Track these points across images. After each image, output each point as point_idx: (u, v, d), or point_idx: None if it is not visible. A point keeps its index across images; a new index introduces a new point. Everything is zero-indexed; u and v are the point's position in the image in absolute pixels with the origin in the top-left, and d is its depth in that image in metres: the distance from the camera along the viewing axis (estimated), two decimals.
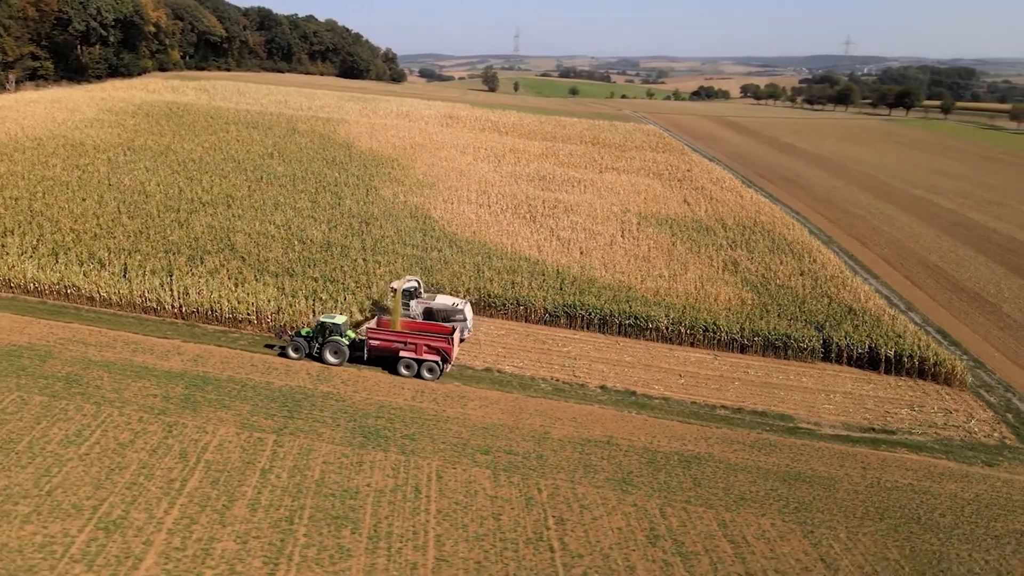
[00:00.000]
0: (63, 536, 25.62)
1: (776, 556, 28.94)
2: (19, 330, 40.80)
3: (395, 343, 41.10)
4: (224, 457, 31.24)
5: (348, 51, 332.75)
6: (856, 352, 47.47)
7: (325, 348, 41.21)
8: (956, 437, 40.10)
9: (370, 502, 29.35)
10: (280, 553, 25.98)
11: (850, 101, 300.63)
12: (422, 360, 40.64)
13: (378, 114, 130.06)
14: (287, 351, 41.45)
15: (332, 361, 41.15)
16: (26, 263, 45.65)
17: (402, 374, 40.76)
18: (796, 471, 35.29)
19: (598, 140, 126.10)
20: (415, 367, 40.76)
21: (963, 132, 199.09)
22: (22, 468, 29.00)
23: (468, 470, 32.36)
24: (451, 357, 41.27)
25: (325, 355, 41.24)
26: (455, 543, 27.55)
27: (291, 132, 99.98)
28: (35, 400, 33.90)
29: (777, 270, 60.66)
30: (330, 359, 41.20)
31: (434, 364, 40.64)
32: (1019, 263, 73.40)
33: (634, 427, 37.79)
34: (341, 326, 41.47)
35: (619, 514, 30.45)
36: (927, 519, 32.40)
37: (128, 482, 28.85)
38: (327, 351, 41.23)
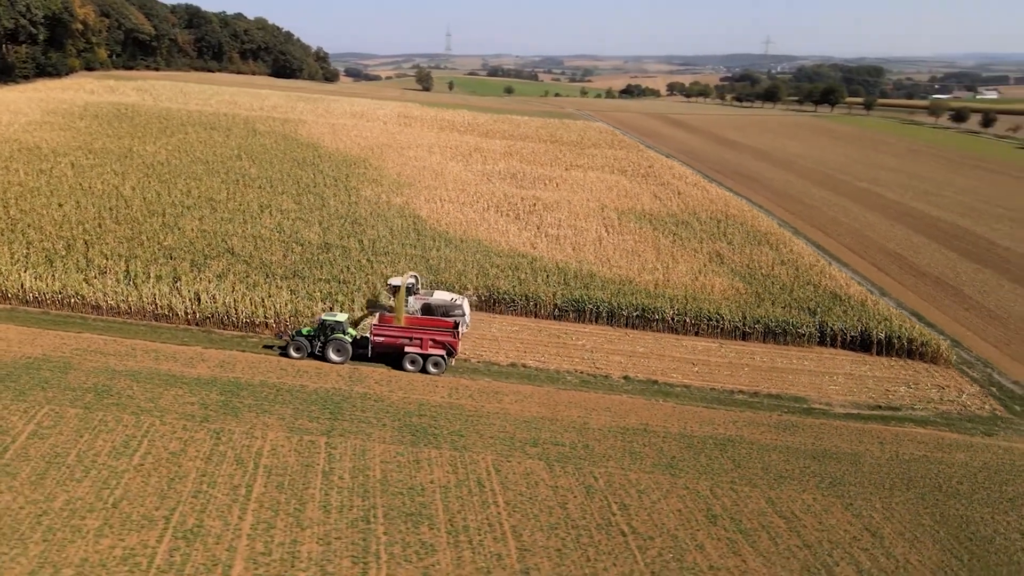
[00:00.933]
0: (143, 548, 25.01)
1: (825, 528, 30.65)
2: (29, 342, 39.05)
3: (400, 339, 41.15)
4: (281, 461, 30.92)
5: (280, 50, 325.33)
6: (849, 336, 50.17)
7: (328, 346, 40.89)
8: (953, 411, 43.02)
9: (438, 498, 29.63)
10: (366, 552, 26.04)
11: (777, 98, 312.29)
12: (427, 355, 40.83)
13: (333, 114, 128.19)
14: (288, 351, 40.96)
15: (335, 359, 40.87)
16: (22, 272, 43.58)
17: (407, 369, 40.82)
18: (822, 449, 37.27)
19: (555, 138, 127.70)
20: (420, 362, 40.91)
21: (887, 127, 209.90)
22: (78, 482, 28.04)
23: (523, 462, 32.96)
24: (456, 351, 41.67)
25: (328, 353, 40.90)
26: (531, 533, 28.15)
27: (251, 133, 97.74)
28: (70, 413, 32.67)
29: (759, 261, 63.25)
30: (333, 357, 40.89)
31: (439, 358, 40.90)
32: (968, 249, 78.47)
33: (665, 414, 39.11)
34: (343, 324, 41.22)
35: (674, 497, 31.63)
36: (947, 487, 34.80)
37: (192, 491, 28.29)
38: (330, 349, 40.91)
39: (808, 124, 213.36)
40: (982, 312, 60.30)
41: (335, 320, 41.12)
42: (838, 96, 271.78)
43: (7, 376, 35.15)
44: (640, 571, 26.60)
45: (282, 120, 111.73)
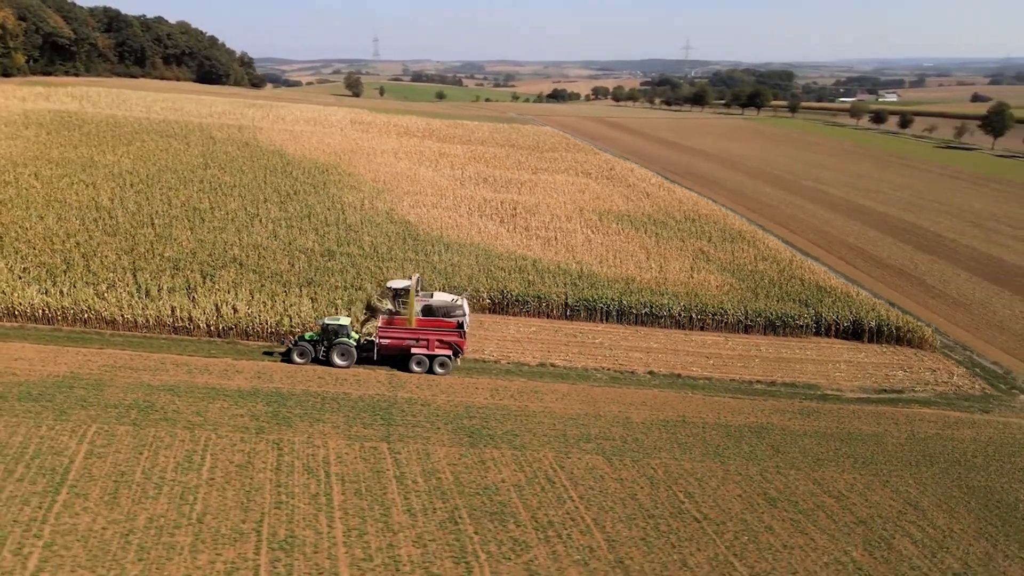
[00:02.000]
0: (243, 561, 24.56)
1: (872, 505, 32.58)
2: (51, 360, 37.30)
3: (406, 340, 41.20)
4: (351, 469, 30.72)
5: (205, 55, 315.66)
6: (842, 325, 53.01)
7: (332, 351, 40.53)
8: (949, 392, 46.12)
9: (515, 496, 30.08)
10: (464, 552, 26.28)
11: (704, 102, 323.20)
12: (434, 355, 41.07)
13: (286, 120, 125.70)
14: (292, 356, 40.40)
15: (340, 364, 40.55)
16: (25, 288, 41.46)
17: (413, 370, 40.94)
18: (846, 431, 39.46)
19: (512, 143, 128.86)
20: (427, 363, 41.08)
21: (814, 128, 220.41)
22: (154, 499, 27.20)
23: (582, 458, 33.73)
24: (463, 350, 42.00)
25: (333, 358, 40.54)
26: (612, 524, 28.95)
27: (211, 141, 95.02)
28: (120, 430, 31.53)
29: (741, 258, 65.90)
30: (338, 362, 40.57)
31: (446, 359, 41.20)
32: (920, 242, 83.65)
33: (697, 406, 40.58)
34: (346, 327, 40.91)
35: (731, 483, 33.01)
36: (964, 460, 37.45)
37: (273, 502, 27.86)
38: (334, 354, 40.55)
39: (741, 126, 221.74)
40: (947, 300, 64.56)
41: (338, 324, 40.75)
42: (764, 99, 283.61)
43: (41, 396, 33.60)
44: (723, 554, 27.77)
45: (237, 127, 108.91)
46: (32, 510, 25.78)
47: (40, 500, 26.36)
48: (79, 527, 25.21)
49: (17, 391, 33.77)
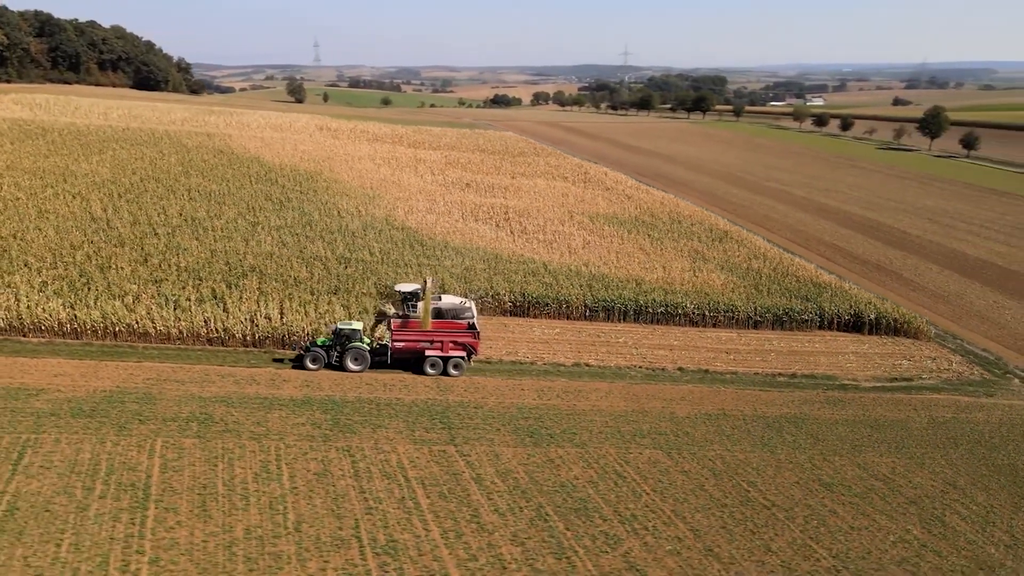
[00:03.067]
0: (352, 567, 24.49)
1: (916, 486, 34.41)
2: (92, 375, 36.08)
3: (421, 342, 41.30)
4: (428, 472, 30.83)
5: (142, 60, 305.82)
6: (844, 319, 55.43)
7: (346, 355, 40.26)
8: (952, 378, 48.81)
9: (592, 491, 30.72)
10: (561, 547, 26.78)
11: (651, 106, 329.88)
12: (448, 357, 41.26)
13: (251, 127, 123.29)
14: (305, 362, 39.95)
15: (354, 368, 40.33)
16: (49, 302, 39.90)
17: (427, 373, 41.06)
18: (872, 418, 41.45)
19: (481, 148, 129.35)
20: (441, 365, 41.24)
21: (761, 132, 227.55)
22: (244, 510, 26.80)
23: (643, 452, 34.61)
24: (476, 351, 42.34)
25: (346, 363, 40.28)
26: (691, 515, 29.87)
27: (183, 148, 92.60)
28: (187, 443, 30.86)
29: (734, 256, 68.05)
30: (351, 366, 40.33)
31: (460, 360, 41.44)
32: (888, 238, 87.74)
33: (733, 399, 41.99)
34: (359, 331, 40.71)
35: (786, 471, 34.40)
36: (984, 441, 39.83)
37: (365, 508, 27.79)
38: (348, 358, 40.30)
39: (691, 130, 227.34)
40: (926, 292, 68.05)
41: (351, 328, 40.47)
42: (708, 104, 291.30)
43: (94, 411, 32.57)
44: (800, 538, 28.99)
45: (206, 134, 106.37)
46: (125, 526, 25.15)
47: (130, 516, 25.71)
48: (180, 541, 24.73)
49: (68, 407, 32.65)
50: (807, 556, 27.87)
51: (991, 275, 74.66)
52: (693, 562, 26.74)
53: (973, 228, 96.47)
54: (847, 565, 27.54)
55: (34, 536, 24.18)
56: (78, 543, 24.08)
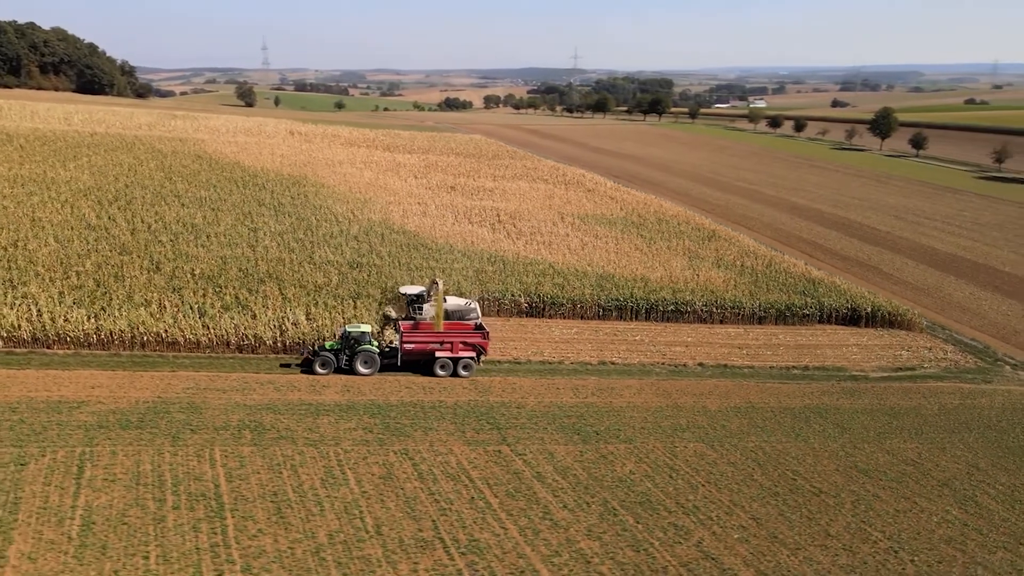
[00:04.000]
0: (442, 567, 24.62)
1: (943, 469, 36.11)
2: (129, 386, 35.19)
3: (431, 344, 41.25)
4: (490, 472, 31.11)
5: (85, 63, 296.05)
6: (841, 313, 57.50)
7: (356, 359, 39.82)
8: (950, 367, 51.15)
9: (650, 485, 31.41)
10: (636, 540, 27.39)
11: (607, 108, 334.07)
12: (458, 358, 41.34)
13: (221, 132, 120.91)
14: (314, 367, 39.34)
15: (364, 372, 39.97)
16: (72, 312, 38.72)
17: (438, 374, 41.03)
18: (888, 407, 43.24)
19: (454, 151, 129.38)
20: (451, 366, 41.28)
21: (719, 133, 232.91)
22: (322, 516, 26.65)
23: (687, 446, 35.51)
24: (486, 351, 42.44)
25: (356, 366, 39.88)
26: (748, 504, 30.83)
27: (159, 154, 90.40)
28: (245, 452, 30.47)
29: (727, 255, 69.80)
30: (362, 370, 39.92)
31: (470, 361, 41.54)
32: (863, 234, 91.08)
33: (757, 392, 43.28)
34: (368, 334, 40.33)
35: (824, 459, 35.69)
36: (993, 425, 41.93)
37: (438, 509, 27.93)
38: (358, 362, 39.89)
39: (652, 132, 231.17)
40: (908, 286, 70.96)
41: (360, 331, 40.07)
42: (665, 106, 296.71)
43: (141, 422, 31.88)
44: (854, 522, 30.20)
45: (179, 139, 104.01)
46: (208, 536, 24.81)
47: (209, 526, 25.37)
48: (266, 549, 24.53)
49: (115, 419, 31.88)
50: (864, 539, 29.08)
51: (963, 269, 78.24)
52: (762, 549, 27.66)
53: (937, 224, 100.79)
54: (902, 546, 28.84)
55: (118, 550, 23.69)
56: (165, 555, 23.69)
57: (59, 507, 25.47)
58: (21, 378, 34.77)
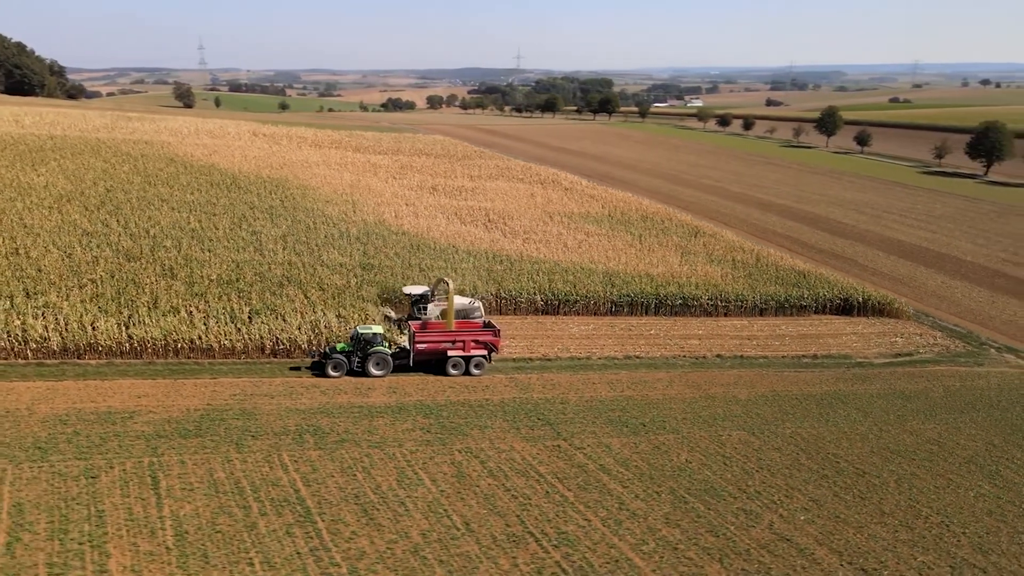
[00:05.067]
0: (540, 560, 25.03)
1: (964, 447, 38.22)
2: (175, 394, 34.30)
3: (443, 343, 41.24)
4: (556, 467, 31.60)
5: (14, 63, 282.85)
6: (834, 303, 59.93)
7: (368, 361, 39.30)
8: (943, 351, 53.93)
9: (709, 473, 32.39)
10: (713, 526, 28.30)
11: (556, 108, 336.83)
12: (470, 356, 41.39)
13: (184, 133, 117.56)
14: (326, 370, 38.72)
15: (376, 373, 39.39)
16: (100, 321, 37.44)
17: (450, 374, 41.01)
18: (899, 390, 45.43)
19: (423, 152, 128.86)
20: (463, 365, 41.28)
21: (671, 132, 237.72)
22: (409, 515, 26.67)
23: (731, 434, 36.70)
24: (498, 349, 42.69)
25: (369, 368, 39.31)
26: (804, 486, 32.12)
27: (128, 157, 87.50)
28: (313, 456, 30.20)
29: (716, 250, 71.76)
30: (374, 372, 39.40)
31: (482, 359, 41.64)
32: (831, 228, 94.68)
33: (779, 381, 44.88)
34: (380, 335, 39.87)
35: (858, 442, 37.36)
36: (995, 404, 44.52)
37: (519, 505, 28.25)
38: (370, 364, 39.33)
39: (606, 131, 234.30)
40: (884, 277, 74.24)
41: (372, 332, 39.59)
42: (614, 106, 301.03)
43: (199, 430, 31.23)
44: (903, 500, 31.77)
45: (143, 142, 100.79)
46: (304, 540, 24.63)
47: (303, 530, 25.18)
48: (366, 551, 24.51)
49: (172, 428, 31.14)
50: (916, 515, 30.68)
51: (930, 259, 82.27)
52: (829, 528, 28.94)
53: (895, 217, 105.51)
54: (951, 520, 30.55)
55: (220, 558, 23.34)
56: (268, 560, 23.46)
57: (145, 518, 24.90)
58: (62, 390, 33.60)
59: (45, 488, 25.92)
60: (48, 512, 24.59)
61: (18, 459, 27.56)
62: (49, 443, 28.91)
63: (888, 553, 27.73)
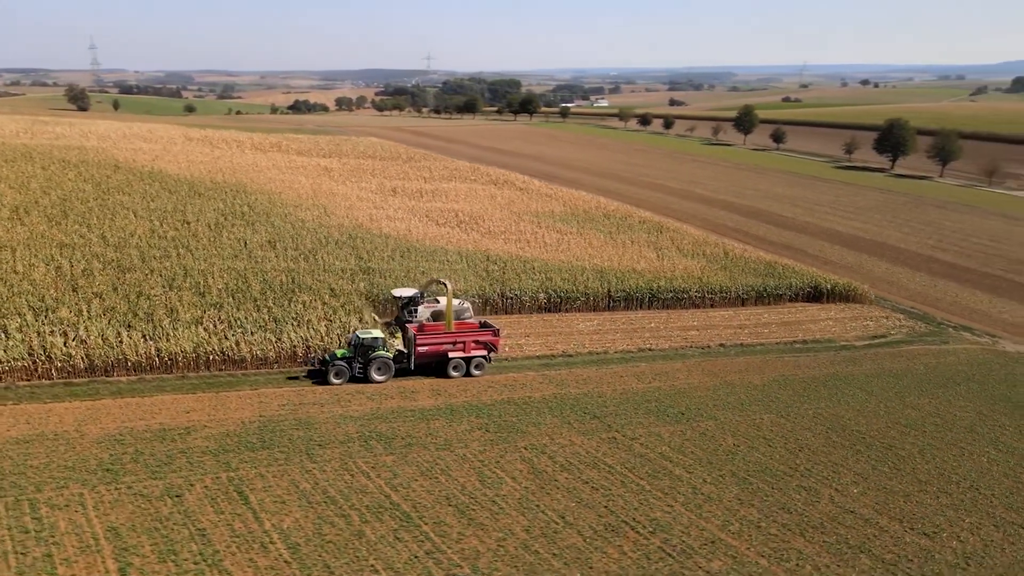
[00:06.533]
0: (642, 547, 25.93)
1: (960, 418, 41.51)
2: (222, 407, 33.04)
3: (444, 345, 41.17)
4: (621, 459, 32.51)
5: None
6: (806, 291, 63.45)
7: (370, 366, 38.60)
8: (911, 332, 58.08)
9: (759, 456, 34.12)
10: (783, 503, 29.92)
11: (476, 109, 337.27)
12: (470, 357, 41.29)
13: (113, 138, 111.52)
14: (328, 378, 37.67)
15: (379, 379, 38.67)
16: (124, 335, 35.51)
17: (451, 375, 40.90)
18: (887, 370, 48.76)
19: (366, 154, 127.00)
20: (464, 366, 41.25)
21: (595, 132, 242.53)
22: (505, 514, 26.98)
23: (762, 417, 38.62)
24: (497, 348, 42.95)
25: (371, 374, 38.61)
26: (845, 461, 34.28)
27: (67, 164, 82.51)
28: (388, 461, 29.94)
29: (684, 245, 74.40)
30: (377, 377, 38.69)
31: (482, 360, 41.77)
32: (775, 220, 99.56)
33: (782, 366, 47.32)
34: (381, 340, 39.45)
35: (873, 418, 40.05)
36: (973, 378, 48.46)
37: (602, 496, 29.04)
38: (372, 369, 38.64)
39: (533, 132, 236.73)
40: (835, 265, 78.78)
41: (372, 337, 39.09)
42: (535, 106, 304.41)
43: (263, 443, 30.37)
44: (933, 469, 34.48)
45: (75, 148, 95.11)
46: (417, 544, 24.71)
47: (411, 535, 25.23)
48: (479, 549, 24.74)
49: (234, 442, 30.15)
50: (948, 481, 33.38)
51: (870, 247, 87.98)
52: (881, 498, 31.12)
53: (827, 210, 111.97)
54: (979, 483, 33.42)
55: (342, 567, 23.07)
56: (390, 566, 23.36)
57: (249, 533, 24.22)
58: (103, 409, 31.86)
59: (132, 510, 24.77)
60: (147, 534, 23.57)
61: (91, 482, 26.15)
62: (115, 464, 27.52)
63: (939, 517, 30.15)
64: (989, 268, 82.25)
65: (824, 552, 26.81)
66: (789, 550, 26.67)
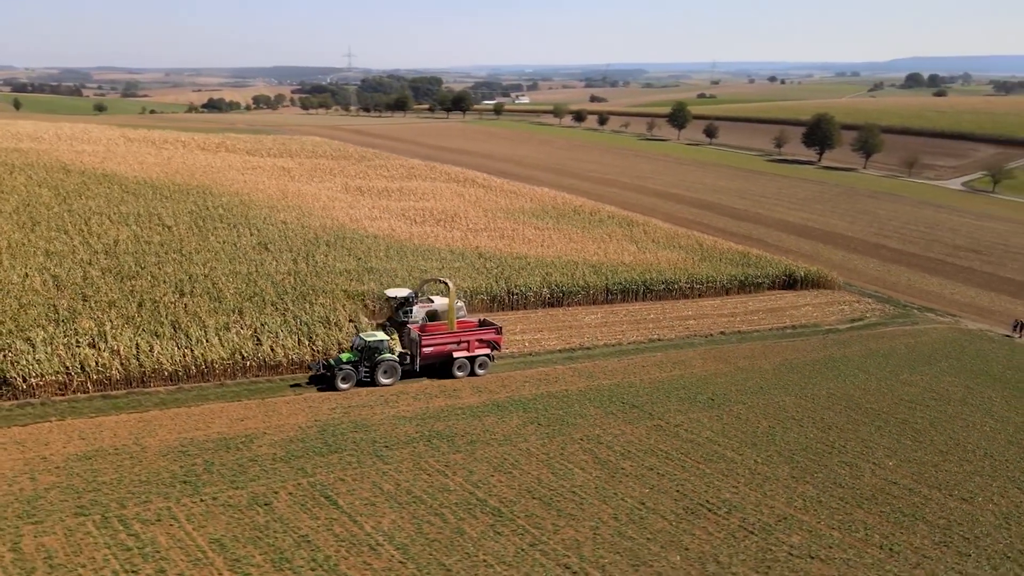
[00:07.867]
0: (724, 526, 27.05)
1: (953, 392, 44.62)
2: (274, 413, 32.21)
3: (448, 344, 41.18)
4: (674, 445, 33.59)
5: None
6: (781, 279, 66.42)
7: (377, 370, 38.01)
8: (883, 315, 61.68)
9: (794, 436, 35.89)
10: (832, 479, 31.64)
11: (407, 107, 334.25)
12: (475, 356, 41.06)
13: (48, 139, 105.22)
14: (336, 383, 36.68)
15: (385, 382, 38.12)
16: (158, 345, 34.10)
17: (456, 375, 40.79)
18: (875, 350, 51.75)
19: (318, 154, 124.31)
20: (468, 366, 41.26)
21: (532, 128, 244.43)
22: (591, 504, 27.61)
23: (782, 399, 40.52)
24: (500, 346, 43.30)
25: (378, 377, 38.06)
26: (870, 437, 36.43)
27: (10, 167, 77.65)
28: (457, 459, 30.02)
29: (655, 237, 76.44)
30: (383, 380, 38.13)
31: (486, 359, 41.95)
32: (730, 213, 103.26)
33: (782, 350, 49.56)
34: (386, 342, 39.20)
35: (879, 396, 42.58)
36: (951, 355, 51.99)
37: (671, 481, 30.04)
38: (379, 372, 38.10)
39: (471, 129, 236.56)
40: (795, 254, 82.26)
41: (377, 339, 38.78)
42: (468, 104, 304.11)
43: (328, 448, 29.95)
44: (948, 439, 37.07)
45: (11, 150, 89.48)
46: (518, 537, 25.02)
47: (509, 528, 25.62)
48: (578, 538, 25.30)
49: (300, 448, 29.57)
50: (966, 450, 36.02)
51: (821, 236, 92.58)
52: (915, 470, 33.35)
53: (771, 201, 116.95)
54: (991, 450, 36.24)
55: (455, 565, 23.17)
56: (502, 560, 23.63)
57: (352, 536, 24.03)
58: (154, 421, 30.64)
59: (227, 521, 24.16)
60: (252, 544, 23.08)
61: (173, 495, 25.29)
62: (190, 476, 26.67)
63: (969, 483, 32.56)
64: (932, 253, 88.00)
65: (884, 521, 28.63)
66: (854, 521, 28.36)
